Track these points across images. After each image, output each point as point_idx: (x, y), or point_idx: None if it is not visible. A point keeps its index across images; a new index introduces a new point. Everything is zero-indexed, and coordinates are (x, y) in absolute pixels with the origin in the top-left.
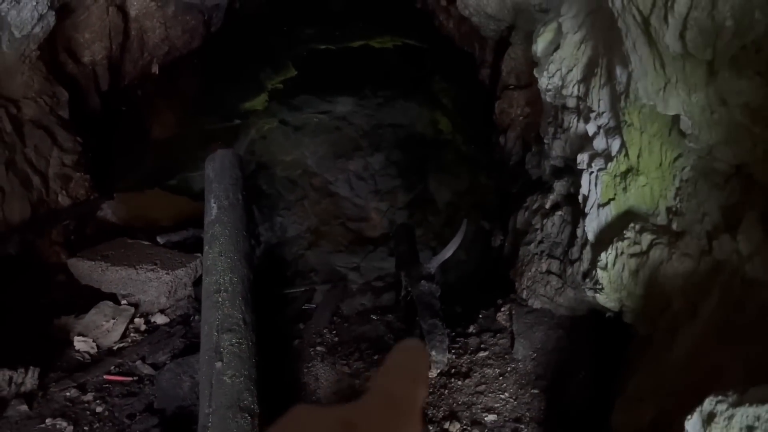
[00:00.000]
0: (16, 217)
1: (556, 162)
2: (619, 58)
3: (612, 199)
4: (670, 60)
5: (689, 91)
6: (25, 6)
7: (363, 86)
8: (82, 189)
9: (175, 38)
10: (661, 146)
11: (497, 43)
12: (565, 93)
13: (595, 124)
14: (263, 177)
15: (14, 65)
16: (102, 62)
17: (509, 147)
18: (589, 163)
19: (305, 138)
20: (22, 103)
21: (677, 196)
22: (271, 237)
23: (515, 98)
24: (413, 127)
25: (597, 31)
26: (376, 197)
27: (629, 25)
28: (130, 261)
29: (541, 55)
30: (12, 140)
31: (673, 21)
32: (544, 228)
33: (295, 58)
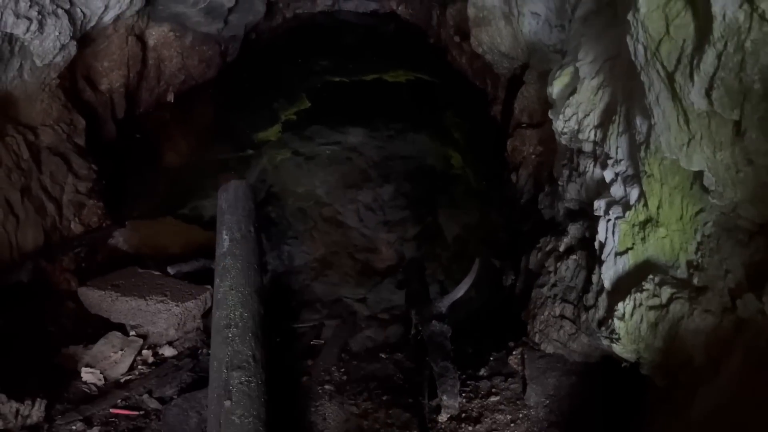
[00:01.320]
0: (30, 244)
1: (571, 205)
2: (640, 108)
3: (630, 248)
4: (694, 116)
5: (714, 148)
6: (48, 36)
7: (375, 119)
8: (95, 216)
9: (192, 68)
10: (682, 199)
11: (510, 81)
12: (581, 137)
13: (612, 171)
14: (273, 205)
15: (34, 93)
16: (119, 90)
17: (521, 185)
18: (606, 211)
19: (316, 168)
20: (40, 130)
21: (698, 251)
22: (279, 265)
23: (528, 136)
24: (424, 159)
25: (615, 77)
26: (385, 228)
27: (652, 79)
28: (140, 291)
29: (556, 97)
30: (28, 167)
31: (698, 79)
32: (557, 271)
33: (309, 89)
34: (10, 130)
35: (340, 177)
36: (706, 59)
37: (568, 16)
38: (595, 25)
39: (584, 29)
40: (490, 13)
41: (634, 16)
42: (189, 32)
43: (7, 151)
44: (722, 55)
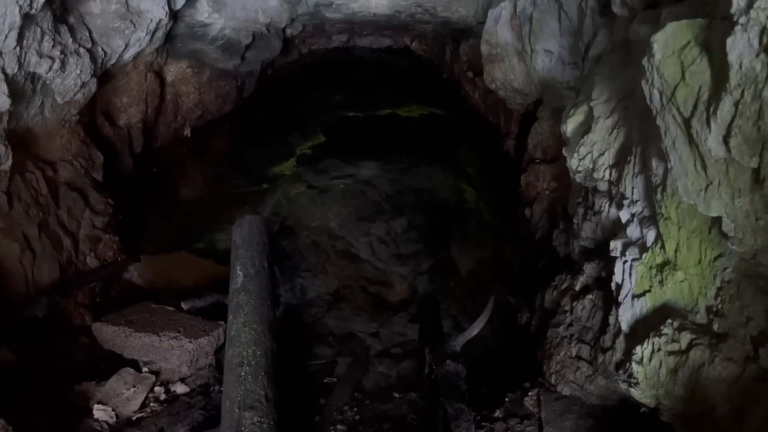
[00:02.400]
0: (45, 279)
1: (586, 243)
2: (656, 150)
3: (647, 290)
4: (712, 163)
5: (733, 195)
6: (69, 74)
7: (388, 152)
8: (110, 251)
9: (209, 103)
10: (700, 243)
11: (523, 116)
12: (596, 176)
13: (628, 211)
14: (286, 238)
15: (54, 129)
16: (137, 125)
17: (535, 220)
18: (622, 251)
19: (330, 201)
20: (59, 166)
21: (718, 297)
22: (292, 298)
23: (541, 172)
24: (437, 193)
25: (630, 118)
26: (398, 262)
27: (668, 124)
28: (153, 327)
29: (570, 135)
30: (47, 202)
31: (716, 126)
32: (573, 311)
33: (323, 124)
34: (30, 165)
35: (354, 210)
36: (723, 107)
37: (581, 54)
38: (608, 65)
39: (598, 68)
40: (503, 50)
41: (649, 62)
42: (206, 68)
43: (26, 186)
44: (739, 103)
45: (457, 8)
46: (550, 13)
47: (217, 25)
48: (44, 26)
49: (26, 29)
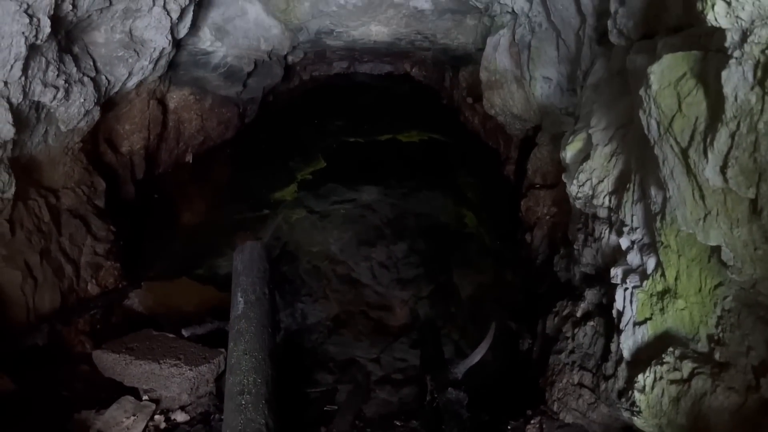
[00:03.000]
0: (47, 306)
1: (587, 269)
2: (654, 178)
3: (648, 318)
4: (710, 192)
5: (731, 225)
6: (73, 103)
7: (389, 177)
8: (112, 277)
9: (210, 129)
10: (700, 272)
11: (522, 141)
12: (595, 203)
13: (628, 238)
14: (287, 263)
15: (57, 157)
16: (139, 152)
17: (535, 245)
18: (623, 279)
19: (330, 226)
20: (62, 193)
21: (719, 325)
22: (292, 324)
23: (541, 197)
24: (437, 217)
25: (628, 145)
26: (399, 287)
27: (666, 154)
28: (154, 355)
29: (570, 162)
30: (49, 229)
31: (713, 157)
32: (575, 337)
33: (325, 149)
34: (33, 193)
35: (355, 235)
36: (720, 138)
37: (579, 81)
38: (606, 93)
39: (596, 96)
40: (502, 77)
41: (646, 92)
42: (209, 95)
43: (29, 214)
44: (735, 134)
45: (457, 35)
46: (548, 41)
47: (219, 53)
48: (49, 56)
49: (31, 59)
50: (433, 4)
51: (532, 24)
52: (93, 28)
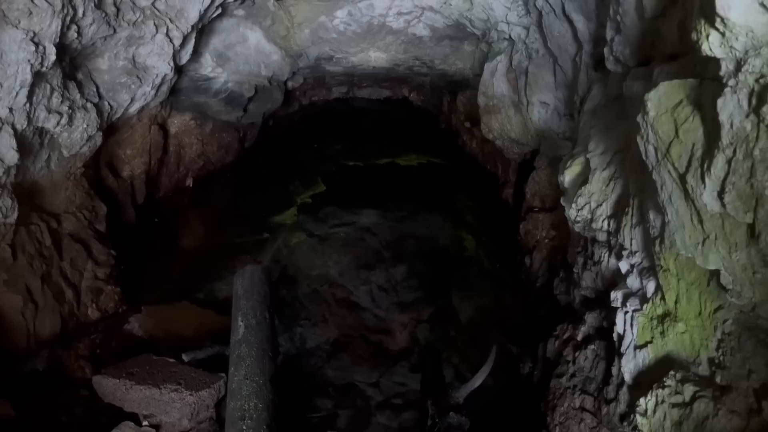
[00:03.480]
0: (47, 331)
1: (587, 293)
2: (652, 203)
3: (649, 341)
4: (708, 217)
5: (730, 249)
6: (76, 128)
7: (388, 200)
8: (112, 302)
9: (211, 153)
10: (699, 295)
11: (520, 165)
12: (594, 226)
13: (627, 262)
14: (286, 287)
15: (60, 182)
16: (140, 176)
17: (535, 269)
18: (623, 302)
19: (330, 249)
20: (63, 218)
21: (720, 348)
22: (291, 348)
23: (540, 220)
24: (436, 240)
25: (626, 170)
26: (398, 310)
27: (664, 179)
28: (154, 380)
29: (568, 186)
30: (50, 254)
31: (710, 182)
32: (576, 361)
33: (324, 173)
34: (35, 218)
35: (354, 258)
36: (717, 164)
37: (576, 106)
38: (604, 118)
39: (593, 121)
40: (499, 102)
41: (643, 119)
42: (209, 120)
43: (30, 238)
44: (732, 161)
45: (454, 61)
46: (545, 67)
47: (220, 78)
48: (54, 83)
49: (36, 86)
50: (431, 31)
51: (528, 50)
52: (97, 54)
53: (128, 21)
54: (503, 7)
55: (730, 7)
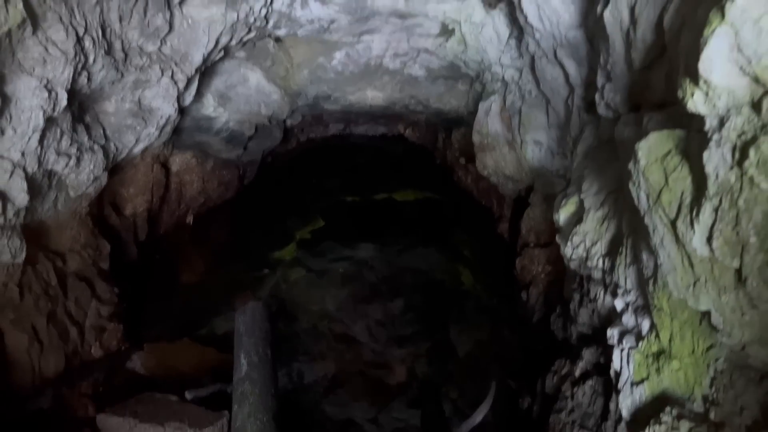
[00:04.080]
0: (51, 370)
1: (583, 329)
2: (645, 244)
3: (645, 378)
4: (698, 261)
5: (719, 291)
6: (83, 170)
7: (385, 235)
8: (115, 340)
9: (211, 190)
10: (692, 334)
11: (515, 201)
12: (590, 265)
13: (623, 300)
14: (284, 322)
15: (65, 221)
16: (142, 214)
17: (532, 303)
18: (619, 340)
19: (328, 284)
20: (68, 256)
21: (713, 386)
22: (289, 383)
23: (536, 256)
24: (433, 274)
25: (620, 210)
26: (396, 345)
27: (656, 223)
28: (158, 418)
29: (563, 225)
30: (55, 293)
31: (699, 228)
32: (574, 396)
33: (322, 209)
34: (41, 257)
35: (352, 293)
36: (704, 211)
37: (569, 146)
38: (596, 159)
39: (587, 162)
40: (494, 140)
41: (634, 166)
42: (210, 158)
43: (36, 278)
44: (718, 209)
45: (449, 99)
46: (538, 108)
47: (222, 118)
48: (63, 126)
49: (48, 130)
50: (426, 71)
51: (522, 91)
52: (104, 98)
53: (135, 66)
54: (496, 50)
55: (712, 70)
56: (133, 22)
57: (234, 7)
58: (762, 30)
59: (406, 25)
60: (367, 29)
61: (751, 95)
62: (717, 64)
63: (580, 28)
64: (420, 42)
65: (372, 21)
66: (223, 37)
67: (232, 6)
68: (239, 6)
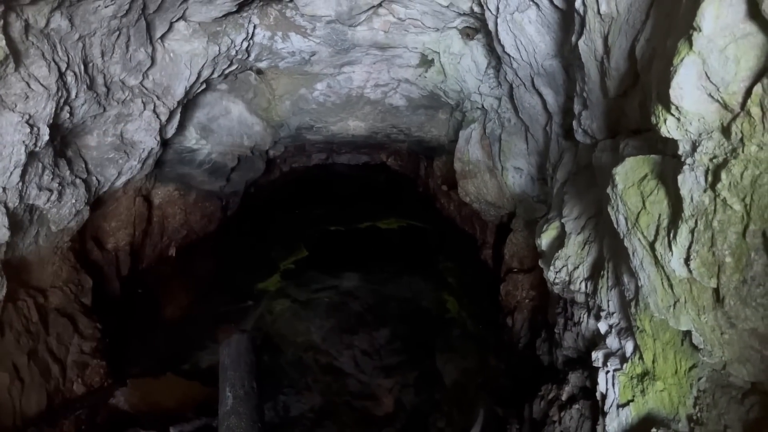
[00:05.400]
0: (33, 409)
1: (569, 353)
2: (626, 267)
3: (631, 400)
4: (677, 282)
5: (698, 311)
6: (65, 204)
7: (370, 263)
8: (98, 376)
9: (194, 222)
10: (675, 354)
11: (498, 227)
12: (572, 288)
13: (606, 323)
14: (268, 353)
15: (47, 257)
16: (125, 248)
17: (517, 329)
18: (604, 362)
19: (312, 315)
20: (50, 292)
21: (696, 405)
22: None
23: (520, 281)
24: (418, 302)
25: (600, 234)
26: (382, 374)
27: (635, 246)
28: None
29: (545, 249)
30: (37, 330)
31: (676, 250)
32: (562, 421)
33: (306, 238)
34: (22, 293)
35: (337, 323)
36: (681, 233)
37: (549, 172)
38: (576, 185)
39: (567, 187)
40: (475, 167)
41: (612, 191)
42: (193, 190)
43: (17, 315)
44: (694, 231)
45: (430, 128)
46: (517, 135)
47: (204, 150)
48: (45, 161)
49: (29, 165)
50: (407, 101)
51: (501, 119)
52: (86, 132)
53: (117, 99)
54: (475, 80)
55: (683, 97)
56: (116, 56)
57: (216, 40)
58: (728, 58)
59: (386, 56)
60: (348, 60)
61: (720, 120)
62: (687, 91)
63: (556, 57)
64: (400, 72)
65: (353, 53)
66: (205, 70)
67: (213, 39)
68: (221, 39)
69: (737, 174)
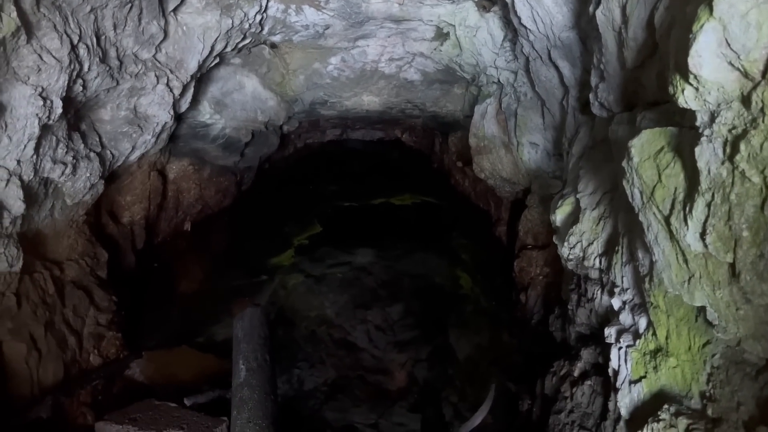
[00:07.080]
0: (50, 378)
1: (582, 329)
2: (641, 242)
3: (643, 376)
4: (692, 257)
5: (713, 287)
6: (80, 178)
7: (383, 240)
8: (113, 348)
9: (209, 197)
10: (688, 331)
11: (512, 203)
12: (587, 264)
13: (620, 299)
14: (283, 328)
15: (62, 230)
16: (140, 222)
17: (530, 305)
18: (616, 338)
19: (326, 290)
20: (66, 265)
21: (710, 382)
22: (288, 390)
23: (534, 258)
24: (431, 278)
25: (615, 209)
26: (396, 349)
27: (650, 220)
28: (157, 425)
29: (560, 225)
30: (53, 302)
31: (692, 224)
32: (573, 397)
33: (320, 214)
34: (38, 266)
35: (350, 298)
36: (697, 207)
37: (565, 147)
38: (591, 160)
39: (582, 162)
40: (490, 143)
41: (628, 164)
42: (207, 165)
43: (34, 287)
44: (711, 204)
45: (445, 103)
46: (533, 110)
47: (218, 125)
48: (59, 134)
49: (43, 138)
50: (422, 75)
51: (517, 93)
52: (100, 106)
53: (131, 73)
54: (491, 53)
55: (702, 66)
56: (128, 29)
57: (229, 13)
58: (749, 24)
59: (400, 30)
60: (362, 34)
61: (740, 89)
62: (706, 59)
63: (573, 29)
64: (415, 46)
65: (367, 26)
66: (218, 44)
67: (226, 12)
68: (234, 12)
69: (756, 145)
